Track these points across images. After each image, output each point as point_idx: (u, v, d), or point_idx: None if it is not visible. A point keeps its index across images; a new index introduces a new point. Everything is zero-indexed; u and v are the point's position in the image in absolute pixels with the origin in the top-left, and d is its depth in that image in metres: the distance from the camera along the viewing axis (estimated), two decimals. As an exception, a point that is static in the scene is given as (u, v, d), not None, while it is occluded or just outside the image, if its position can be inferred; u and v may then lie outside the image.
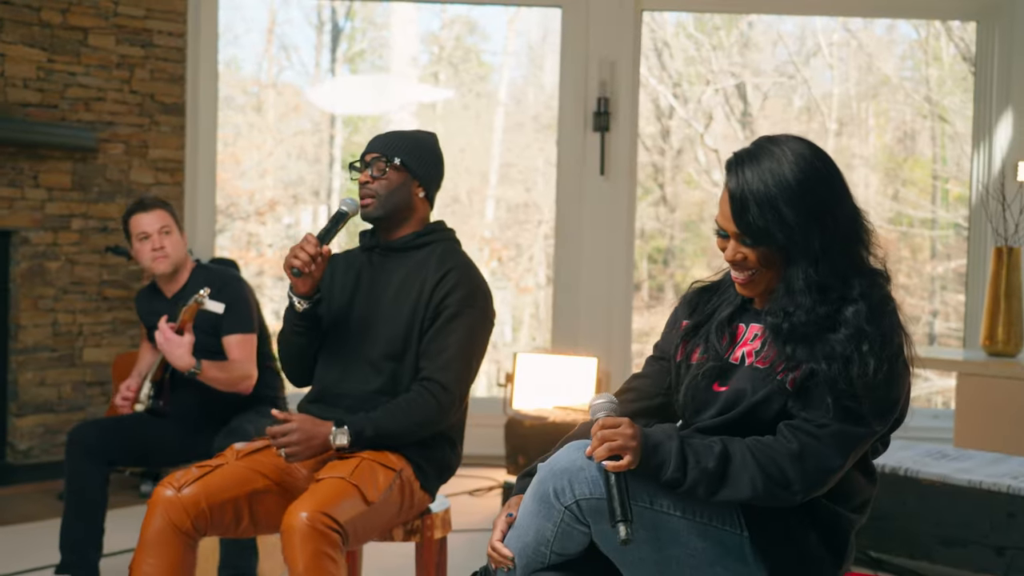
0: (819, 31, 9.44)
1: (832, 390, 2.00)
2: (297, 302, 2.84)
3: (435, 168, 2.94)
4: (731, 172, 2.08)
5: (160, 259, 3.75)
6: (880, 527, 4.00)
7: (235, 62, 10.01)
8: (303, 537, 2.50)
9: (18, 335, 5.48)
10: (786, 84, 9.68)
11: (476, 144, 9.92)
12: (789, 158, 2.03)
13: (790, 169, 2.02)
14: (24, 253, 5.47)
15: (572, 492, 2.01)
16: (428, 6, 9.27)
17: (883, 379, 2.00)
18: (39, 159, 5.46)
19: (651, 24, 9.79)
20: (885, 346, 2.01)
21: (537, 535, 2.06)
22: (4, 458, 5.51)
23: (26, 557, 4.06)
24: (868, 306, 2.03)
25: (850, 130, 9.64)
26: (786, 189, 2.01)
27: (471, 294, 2.84)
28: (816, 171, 2.03)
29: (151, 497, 2.71)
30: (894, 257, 8.32)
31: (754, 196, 2.02)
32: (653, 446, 2.00)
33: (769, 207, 2.01)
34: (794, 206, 2.01)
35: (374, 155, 2.87)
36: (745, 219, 2.04)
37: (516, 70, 10.12)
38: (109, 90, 5.68)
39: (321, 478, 2.69)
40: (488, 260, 9.84)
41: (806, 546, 2.09)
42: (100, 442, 3.60)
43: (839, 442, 2.02)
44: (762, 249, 2.06)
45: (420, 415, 2.78)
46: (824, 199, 2.03)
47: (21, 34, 5.39)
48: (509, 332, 9.91)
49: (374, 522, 2.74)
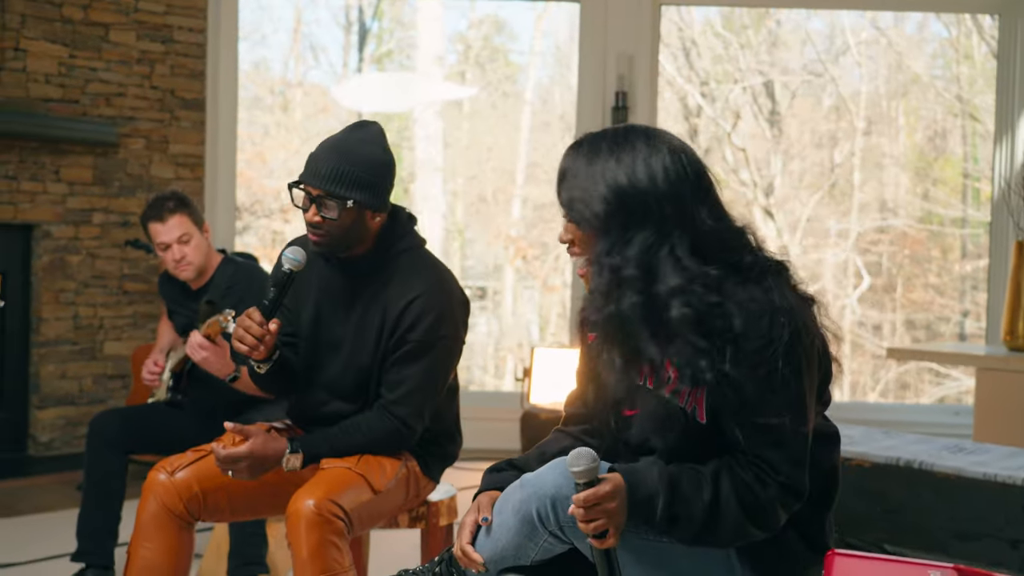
0: (847, 29, 9.38)
1: (747, 422, 1.93)
2: (256, 366, 2.72)
3: (389, 184, 2.72)
4: (569, 148, 2.04)
5: (183, 268, 3.73)
6: (894, 521, 3.96)
7: (264, 63, 10.07)
8: (308, 524, 2.50)
9: (40, 328, 5.53)
10: (814, 82, 9.62)
11: (503, 143, 9.93)
12: (627, 148, 1.97)
13: (619, 157, 1.97)
14: (46, 247, 5.52)
15: (556, 519, 1.96)
16: (456, 5, 9.29)
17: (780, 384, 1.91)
18: (61, 154, 5.51)
19: (678, 23, 9.77)
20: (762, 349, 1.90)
21: (517, 551, 2.03)
22: (26, 450, 5.57)
23: (42, 546, 4.09)
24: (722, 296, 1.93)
25: (879, 129, 9.57)
26: (606, 172, 1.96)
27: (435, 324, 2.70)
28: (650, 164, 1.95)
29: (145, 481, 2.72)
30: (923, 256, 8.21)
31: (574, 171, 2.00)
32: (642, 502, 1.92)
33: (584, 183, 1.98)
34: (607, 186, 1.95)
35: (322, 193, 2.62)
36: (564, 187, 2.01)
37: (543, 70, 10.11)
38: (130, 85, 5.73)
39: (326, 467, 2.69)
40: (513, 259, 9.84)
41: (788, 545, 2.04)
42: (120, 432, 3.62)
43: (790, 463, 1.94)
44: (587, 233, 2.00)
45: (379, 436, 2.72)
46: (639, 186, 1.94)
47: (43, 30, 5.45)
48: (536, 331, 9.90)
49: (379, 510, 2.74)
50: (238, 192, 10.14)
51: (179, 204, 3.72)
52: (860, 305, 9.56)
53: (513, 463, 2.19)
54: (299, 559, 2.51)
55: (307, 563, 2.49)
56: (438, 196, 9.68)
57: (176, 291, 3.88)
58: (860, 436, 4.25)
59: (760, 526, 1.95)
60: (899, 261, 9.61)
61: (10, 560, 3.96)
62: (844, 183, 9.55)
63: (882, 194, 9.61)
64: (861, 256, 9.49)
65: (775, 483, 1.93)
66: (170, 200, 3.72)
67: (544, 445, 2.24)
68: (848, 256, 9.47)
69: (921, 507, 3.87)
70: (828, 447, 2.11)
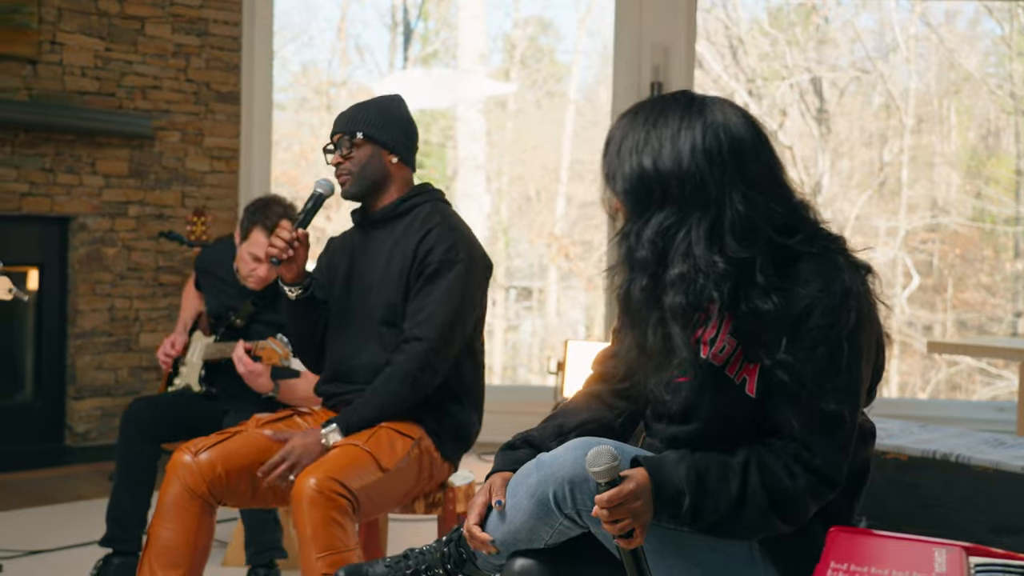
0: (897, 26, 9.26)
1: (796, 403, 1.87)
2: (288, 290, 2.83)
3: (401, 131, 2.89)
4: (618, 118, 2.00)
5: (254, 282, 3.71)
6: (929, 514, 3.88)
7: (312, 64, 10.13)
8: (310, 503, 2.49)
9: (76, 320, 5.57)
10: (863, 80, 9.51)
11: (547, 142, 9.90)
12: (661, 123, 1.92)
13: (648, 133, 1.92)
14: (82, 239, 5.56)
15: (573, 502, 1.91)
16: (500, 5, 9.29)
17: (839, 368, 1.85)
18: (97, 146, 5.55)
19: (725, 20, 9.71)
20: (827, 329, 1.85)
21: (531, 533, 1.98)
22: (63, 440, 5.61)
23: (74, 533, 4.12)
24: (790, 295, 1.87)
25: (929, 127, 9.44)
26: (633, 148, 1.92)
27: (452, 247, 2.80)
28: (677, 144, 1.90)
29: (169, 463, 2.72)
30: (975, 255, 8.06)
31: (611, 143, 1.97)
32: (668, 499, 1.87)
33: (615, 158, 1.95)
34: (630, 164, 1.92)
35: (339, 135, 2.86)
36: (606, 160, 1.97)
37: (588, 69, 10.09)
38: (165, 78, 5.77)
39: (336, 444, 2.69)
40: (555, 257, 9.80)
41: (812, 537, 1.97)
42: (153, 420, 3.63)
43: (836, 452, 1.88)
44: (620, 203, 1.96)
45: (411, 371, 2.74)
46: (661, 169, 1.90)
47: (79, 24, 5.49)
48: (582, 330, 9.86)
49: (390, 490, 2.72)
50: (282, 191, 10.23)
51: (286, 213, 3.64)
52: (909, 305, 9.43)
53: (528, 440, 2.14)
54: (303, 538, 2.50)
55: (310, 542, 2.48)
56: (481, 195, 9.68)
57: (225, 272, 3.84)
58: (897, 429, 4.17)
59: (787, 518, 1.89)
60: (950, 260, 9.48)
61: (42, 547, 3.99)
62: (893, 182, 9.43)
63: (932, 192, 9.48)
64: (910, 255, 9.37)
65: (809, 471, 1.86)
66: (279, 205, 3.68)
67: (563, 415, 2.17)
68: (897, 255, 9.35)
69: (958, 501, 3.78)
70: (863, 443, 2.05)
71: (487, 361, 2.99)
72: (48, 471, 5.27)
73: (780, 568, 1.97)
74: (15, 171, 5.32)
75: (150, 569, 2.64)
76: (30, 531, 4.21)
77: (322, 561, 2.48)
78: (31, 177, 5.37)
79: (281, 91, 9.94)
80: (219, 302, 3.84)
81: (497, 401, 6.03)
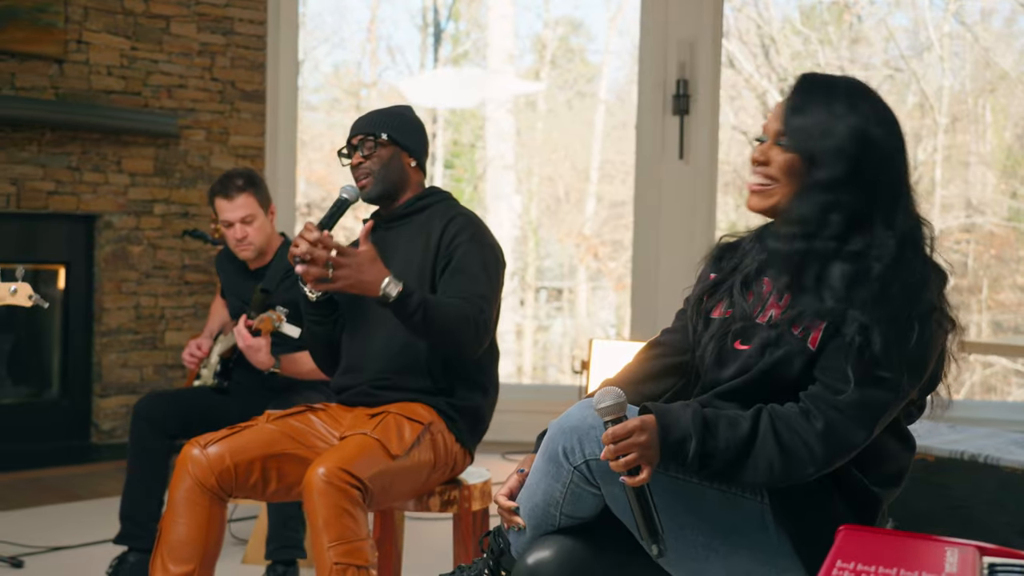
0: (930, 25, 9.18)
1: (851, 353, 1.89)
2: (308, 291, 2.82)
3: (420, 136, 2.96)
4: (802, 84, 2.04)
5: (243, 248, 3.75)
6: (958, 515, 3.82)
7: (344, 65, 10.15)
8: (320, 493, 2.47)
9: (102, 318, 5.60)
10: (897, 79, 9.42)
11: (577, 142, 9.88)
12: (859, 98, 1.99)
13: (856, 103, 1.98)
14: (108, 237, 5.59)
15: (582, 451, 1.92)
16: (530, 6, 9.28)
17: (906, 338, 1.88)
18: (123, 145, 5.58)
19: (756, 20, 9.64)
20: (908, 304, 1.88)
21: (546, 495, 1.97)
22: (89, 438, 5.64)
23: (95, 530, 4.13)
24: (893, 261, 1.91)
25: (964, 126, 9.34)
26: (845, 114, 1.96)
27: (477, 232, 2.84)
28: (881, 118, 1.99)
29: (178, 457, 2.71)
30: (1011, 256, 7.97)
31: (816, 103, 1.98)
32: (675, 444, 1.87)
33: (827, 113, 1.96)
34: (846, 125, 1.95)
35: (360, 136, 2.88)
36: (796, 118, 1.98)
37: (619, 70, 10.05)
38: (190, 77, 5.78)
39: (346, 435, 2.67)
40: (584, 257, 9.77)
41: (831, 512, 1.96)
42: (165, 415, 3.63)
43: (864, 413, 1.89)
44: (792, 156, 1.98)
45: (462, 311, 2.69)
46: (877, 139, 1.96)
47: (105, 23, 5.52)
48: (612, 331, 9.83)
49: (404, 479, 2.69)
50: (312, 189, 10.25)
51: (248, 183, 3.74)
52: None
53: None
54: (314, 528, 2.49)
55: (321, 532, 2.47)
56: (510, 195, 9.66)
57: (233, 269, 3.89)
58: (925, 430, 4.11)
59: (794, 464, 1.88)
60: (985, 261, 9.39)
61: (65, 543, 4.01)
62: (927, 181, 9.34)
63: (967, 192, 9.39)
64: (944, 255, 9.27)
65: (832, 410, 1.88)
66: (240, 178, 3.75)
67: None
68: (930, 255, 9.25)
69: (987, 502, 3.72)
70: (904, 449, 2.06)
71: (518, 361, 2.98)
72: (74, 468, 5.29)
73: (791, 533, 1.95)
74: (42, 170, 5.35)
75: (162, 564, 2.63)
76: (53, 528, 4.23)
77: (333, 550, 2.46)
78: (57, 176, 5.40)
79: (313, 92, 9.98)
80: (236, 298, 3.84)
81: (523, 400, 6.02)
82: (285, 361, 3.56)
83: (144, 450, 3.61)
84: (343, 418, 2.86)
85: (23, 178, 5.30)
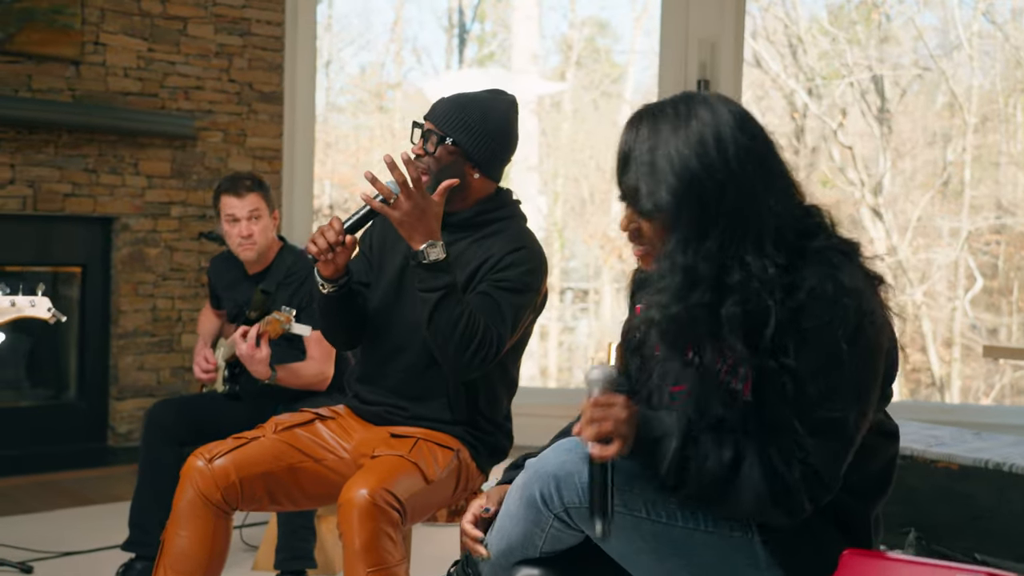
0: (960, 23, 9.08)
1: (790, 403, 1.77)
2: (320, 284, 2.66)
3: (496, 144, 2.69)
4: (628, 126, 1.86)
5: (247, 247, 3.73)
6: (983, 527, 3.73)
7: (370, 66, 10.15)
8: (362, 513, 2.38)
9: (119, 320, 5.59)
10: (926, 78, 9.32)
11: (602, 143, 9.83)
12: (692, 127, 1.80)
13: (686, 138, 1.79)
14: (124, 239, 5.58)
15: (560, 499, 1.83)
16: (556, 7, 9.23)
17: (838, 366, 1.75)
18: (140, 147, 5.56)
19: (784, 20, 9.56)
20: (826, 329, 1.75)
21: (524, 538, 1.91)
22: (105, 440, 5.63)
23: (109, 535, 4.09)
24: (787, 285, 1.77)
25: (994, 126, 9.24)
26: (674, 158, 1.79)
27: (531, 272, 2.65)
28: (720, 143, 1.79)
29: (183, 467, 2.66)
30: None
31: (637, 155, 1.82)
32: (652, 440, 1.79)
33: (649, 169, 1.80)
34: (676, 175, 1.78)
35: (430, 125, 2.66)
36: (624, 179, 1.83)
37: (646, 70, 9.99)
38: (208, 79, 5.77)
39: (378, 454, 2.59)
40: (608, 259, 9.73)
41: (823, 542, 1.87)
42: (176, 422, 3.61)
43: (830, 461, 1.78)
44: (651, 222, 1.83)
45: (476, 329, 2.52)
46: (715, 175, 1.78)
47: (122, 24, 5.50)
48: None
49: (431, 501, 2.63)
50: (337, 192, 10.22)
51: (257, 184, 3.75)
52: (972, 308, 9.23)
53: (530, 456, 2.06)
54: (351, 550, 2.39)
55: (359, 555, 2.38)
56: (535, 196, 9.63)
57: (231, 273, 3.87)
58: (949, 437, 4.03)
59: (782, 508, 1.77)
60: (1016, 262, 9.28)
61: (75, 548, 3.98)
62: (956, 182, 9.24)
63: (997, 193, 9.28)
64: (973, 257, 9.17)
65: (804, 467, 1.76)
66: (248, 179, 3.77)
67: (560, 432, 2.14)
68: (959, 256, 9.16)
69: (1012, 513, 3.64)
70: (884, 444, 1.93)
71: (542, 363, 2.90)
72: (91, 471, 5.28)
73: (786, 568, 1.87)
74: (59, 172, 5.34)
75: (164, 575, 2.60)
76: (65, 532, 4.21)
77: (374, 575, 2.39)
78: (74, 178, 5.39)
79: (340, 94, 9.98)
80: (234, 302, 3.82)
81: (544, 404, 5.97)
82: (283, 372, 3.52)
83: (155, 457, 3.58)
84: (354, 430, 2.79)
85: (40, 180, 5.30)
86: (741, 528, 1.86)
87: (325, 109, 9.34)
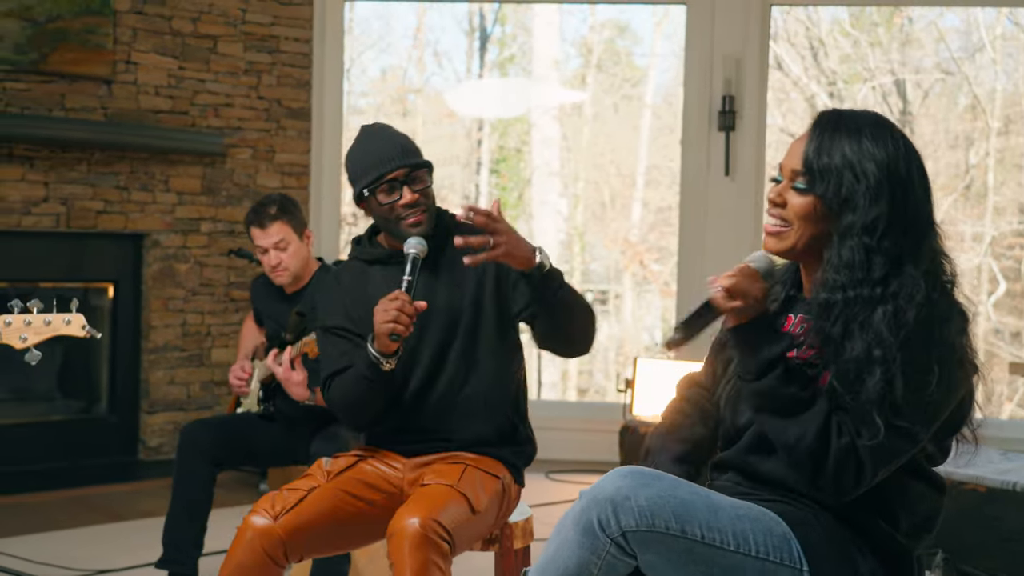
0: (983, 26, 9.04)
1: (872, 399, 1.88)
2: (385, 362, 2.57)
3: None
4: (823, 118, 2.01)
5: (279, 274, 3.78)
6: (1011, 550, 3.74)
7: (391, 70, 10.17)
8: (413, 544, 2.37)
9: (149, 335, 5.65)
10: (948, 81, 9.29)
11: (623, 147, 9.83)
12: (896, 135, 1.97)
13: (891, 143, 1.96)
14: (155, 255, 5.64)
15: (618, 523, 1.89)
16: (576, 11, 9.23)
17: (926, 383, 1.86)
18: (170, 164, 5.62)
19: (805, 22, 9.54)
20: (930, 347, 1.88)
21: (580, 567, 1.94)
22: (136, 454, 5.70)
23: (142, 552, 4.12)
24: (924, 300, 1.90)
25: (1018, 128, 9.19)
26: (874, 152, 1.94)
27: None
28: (909, 153, 1.96)
29: (242, 524, 2.60)
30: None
31: (841, 143, 1.96)
32: (764, 330, 1.96)
33: (854, 152, 1.95)
34: (877, 165, 1.93)
35: (405, 170, 2.63)
36: (820, 158, 1.96)
37: (666, 73, 9.98)
38: (237, 96, 5.82)
39: (427, 483, 2.60)
40: (628, 264, 9.74)
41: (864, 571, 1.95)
42: (211, 443, 3.65)
43: (880, 456, 1.89)
44: (811, 199, 1.97)
45: (583, 299, 2.59)
46: (908, 176, 1.94)
47: (153, 43, 5.56)
48: (659, 335, 9.78)
49: (476, 531, 2.64)
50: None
51: (281, 211, 3.76)
52: (996, 312, 9.21)
53: None
54: None
55: None
56: (556, 200, 9.64)
57: (271, 295, 3.91)
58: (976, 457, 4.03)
59: (811, 464, 1.91)
60: (1040, 267, 9.25)
61: (109, 566, 4.02)
62: (979, 185, 9.21)
63: (1021, 196, 9.25)
64: (997, 261, 9.15)
65: (849, 444, 1.89)
66: (272, 206, 3.77)
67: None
68: (983, 260, 9.13)
69: (1040, 537, 3.65)
70: (932, 494, 2.04)
71: (563, 367, 2.93)
72: (121, 486, 5.33)
73: None
74: (91, 189, 5.41)
75: None
76: (97, 549, 4.25)
77: None
78: (106, 195, 5.46)
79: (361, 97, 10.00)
80: (274, 323, 3.86)
81: (568, 418, 6.00)
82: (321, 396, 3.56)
83: (189, 476, 3.63)
84: (396, 459, 2.79)
85: (73, 198, 5.36)
86: (792, 560, 1.93)
87: (346, 112, 9.37)
